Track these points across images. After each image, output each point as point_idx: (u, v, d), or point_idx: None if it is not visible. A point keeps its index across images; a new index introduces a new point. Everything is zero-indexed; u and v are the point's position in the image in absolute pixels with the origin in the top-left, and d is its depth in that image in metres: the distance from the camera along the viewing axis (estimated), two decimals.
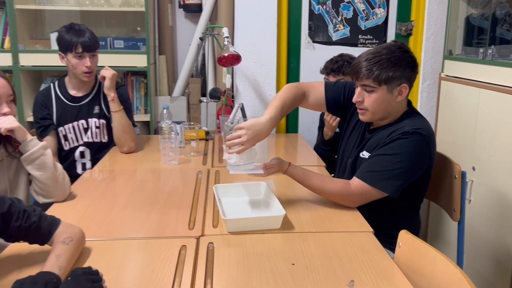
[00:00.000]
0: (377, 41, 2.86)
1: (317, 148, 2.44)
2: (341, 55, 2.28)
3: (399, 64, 1.48)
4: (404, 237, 1.22)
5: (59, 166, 1.62)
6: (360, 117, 1.60)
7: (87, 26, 2.16)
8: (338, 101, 1.72)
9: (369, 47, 2.86)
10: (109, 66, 2.97)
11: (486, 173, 2.16)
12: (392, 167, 1.47)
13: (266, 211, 1.51)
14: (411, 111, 1.60)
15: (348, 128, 1.74)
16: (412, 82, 1.54)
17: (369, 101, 1.53)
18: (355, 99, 1.57)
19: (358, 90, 1.56)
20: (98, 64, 2.22)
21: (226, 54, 2.35)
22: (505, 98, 2.02)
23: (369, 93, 1.52)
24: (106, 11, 3.07)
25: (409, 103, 1.61)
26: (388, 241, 1.61)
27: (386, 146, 1.50)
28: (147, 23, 2.82)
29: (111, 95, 2.16)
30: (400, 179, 1.47)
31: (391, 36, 2.85)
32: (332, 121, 2.25)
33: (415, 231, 1.68)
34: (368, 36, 2.84)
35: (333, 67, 2.22)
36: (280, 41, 2.80)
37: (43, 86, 2.91)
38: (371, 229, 1.40)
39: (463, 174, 1.58)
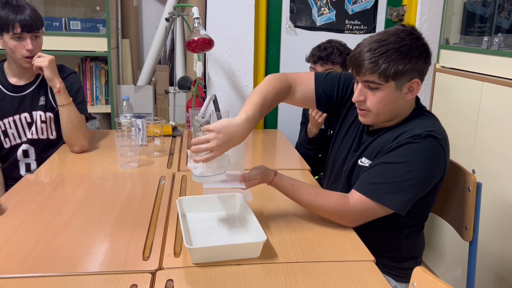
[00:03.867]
0: (365, 27, 2.58)
1: (299, 147, 2.16)
2: (330, 41, 1.99)
3: (411, 54, 1.20)
4: (420, 275, 0.94)
5: None
6: (361, 119, 1.31)
7: (35, 4, 1.81)
8: (331, 96, 1.43)
9: (356, 34, 2.59)
10: (64, 51, 2.64)
11: (489, 177, 1.92)
12: (401, 178, 1.19)
13: (242, 232, 1.22)
14: (420, 109, 1.32)
15: (342, 129, 1.45)
16: (424, 76, 1.26)
17: (373, 101, 1.24)
18: (355, 98, 1.27)
19: (359, 87, 1.26)
20: (51, 48, 1.88)
21: (196, 38, 2.03)
22: None
23: (373, 90, 1.24)
24: None
25: (417, 99, 1.34)
26: (388, 265, 1.36)
27: (392, 152, 1.22)
28: (108, 2, 2.50)
29: (56, 86, 1.81)
30: (410, 192, 1.20)
31: (380, 21, 2.58)
32: (318, 116, 1.97)
33: (418, 252, 1.42)
34: (356, 22, 2.56)
35: (321, 54, 1.93)
36: (258, 25, 2.49)
37: None
38: (372, 257, 1.13)
39: (479, 186, 1.32)
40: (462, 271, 2.13)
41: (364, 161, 1.31)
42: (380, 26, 2.58)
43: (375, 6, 2.56)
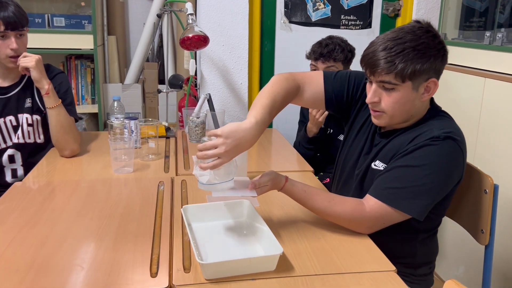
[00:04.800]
0: (361, 23, 2.53)
1: (298, 146, 2.09)
2: (331, 38, 1.92)
3: (428, 53, 1.14)
4: None
5: None
6: (374, 120, 1.25)
7: None
8: (340, 96, 1.36)
9: (352, 29, 2.53)
10: (48, 49, 2.53)
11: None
12: (420, 182, 1.13)
13: (253, 242, 1.15)
14: (435, 110, 1.27)
15: (352, 130, 1.39)
16: (440, 75, 1.21)
17: (388, 102, 1.18)
18: (369, 99, 1.21)
19: (373, 87, 1.20)
20: (34, 46, 1.77)
21: (190, 35, 1.95)
22: None
23: (389, 91, 1.17)
24: None
25: (431, 99, 1.28)
26: (403, 273, 1.29)
27: (409, 155, 1.16)
28: None
29: (44, 87, 1.70)
30: (429, 197, 1.14)
31: (376, 16, 2.53)
32: (319, 115, 1.91)
33: (432, 257, 1.37)
34: (352, 17, 2.51)
35: (322, 51, 1.86)
36: (252, 20, 2.41)
37: None
38: (393, 267, 1.08)
39: (495, 188, 1.28)
40: (464, 270, 2.10)
41: (378, 165, 1.25)
42: (376, 21, 2.53)
43: (371, 0, 2.50)
